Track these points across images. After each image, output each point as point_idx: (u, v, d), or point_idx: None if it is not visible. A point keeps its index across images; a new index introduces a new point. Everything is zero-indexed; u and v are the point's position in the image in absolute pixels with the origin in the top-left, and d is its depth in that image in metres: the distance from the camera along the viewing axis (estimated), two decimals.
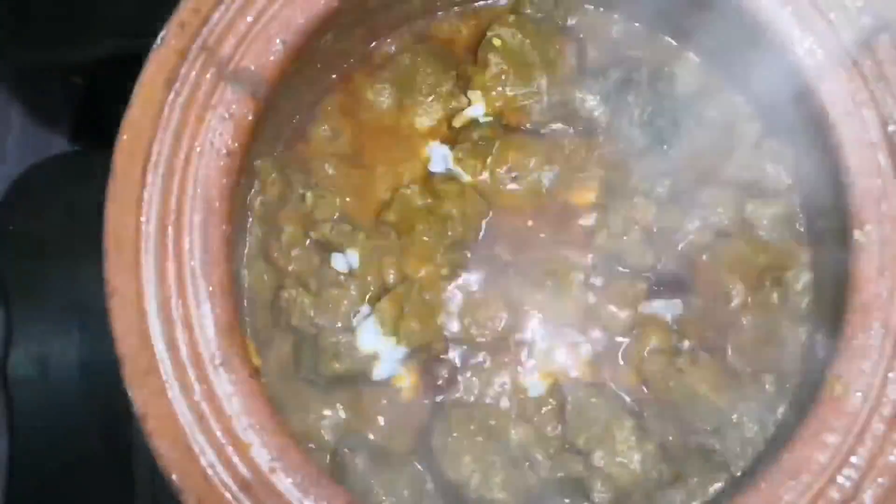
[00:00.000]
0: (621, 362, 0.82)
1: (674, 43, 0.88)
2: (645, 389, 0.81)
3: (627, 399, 0.81)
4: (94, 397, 1.05)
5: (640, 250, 0.83)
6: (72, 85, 1.20)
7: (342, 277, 0.82)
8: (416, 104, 0.86)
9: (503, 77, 0.86)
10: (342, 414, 0.81)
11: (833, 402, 0.71)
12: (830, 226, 0.77)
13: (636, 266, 0.83)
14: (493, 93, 0.86)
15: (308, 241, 0.83)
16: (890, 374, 0.71)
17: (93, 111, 1.20)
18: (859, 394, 0.71)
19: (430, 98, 0.87)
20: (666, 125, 0.85)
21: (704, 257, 0.83)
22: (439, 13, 0.88)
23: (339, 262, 0.82)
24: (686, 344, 0.82)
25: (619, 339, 0.82)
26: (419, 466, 0.79)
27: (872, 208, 0.73)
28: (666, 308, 0.83)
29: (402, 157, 0.85)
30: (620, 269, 0.83)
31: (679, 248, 0.84)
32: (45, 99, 1.21)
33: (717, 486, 0.78)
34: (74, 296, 1.07)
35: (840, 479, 0.70)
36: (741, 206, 0.83)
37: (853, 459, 0.70)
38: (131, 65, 0.72)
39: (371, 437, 0.80)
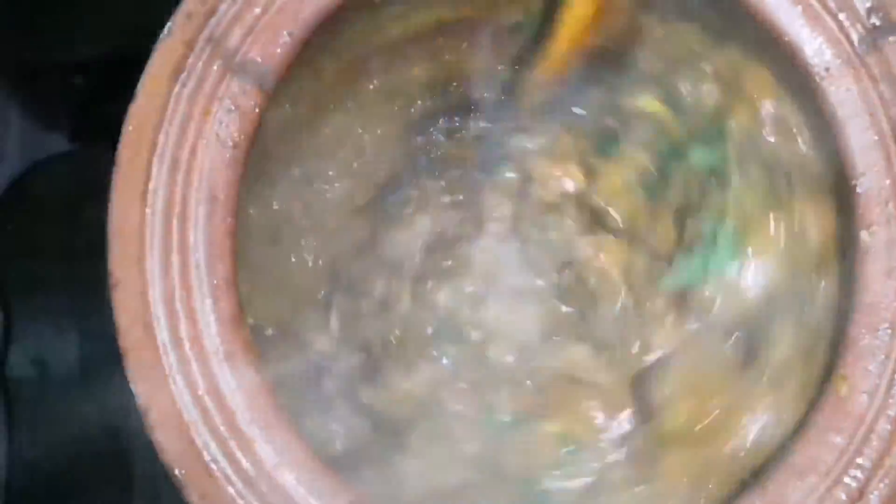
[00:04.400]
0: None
1: None
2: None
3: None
4: (93, 397, 1.05)
5: None
6: (72, 85, 1.20)
7: None
8: None
9: None
10: None
11: (839, 402, 0.71)
12: (837, 226, 0.77)
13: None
14: None
15: None
16: None
17: (93, 111, 1.20)
18: (865, 395, 0.71)
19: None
20: None
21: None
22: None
23: None
24: None
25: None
26: None
27: (879, 209, 0.73)
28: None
29: None
30: None
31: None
32: (45, 99, 1.21)
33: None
34: (74, 296, 1.07)
35: (847, 480, 0.70)
36: None
37: (859, 460, 0.70)
38: (131, 65, 0.71)
39: None
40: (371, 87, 0.84)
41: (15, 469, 1.04)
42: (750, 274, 0.80)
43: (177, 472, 0.67)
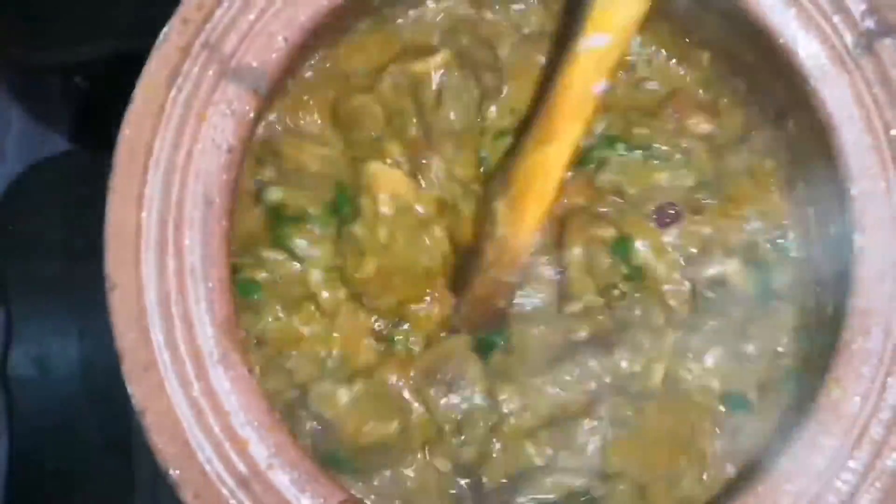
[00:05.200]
0: None
1: None
2: None
3: None
4: (94, 397, 1.05)
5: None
6: (72, 85, 1.20)
7: None
8: None
9: None
10: None
11: (831, 405, 0.71)
12: (831, 230, 0.77)
13: None
14: None
15: None
16: (889, 379, 0.71)
17: (93, 111, 1.20)
18: (857, 398, 0.71)
19: None
20: None
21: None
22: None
23: None
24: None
25: None
26: None
27: (874, 213, 0.73)
28: None
29: None
30: None
31: None
32: (45, 99, 1.21)
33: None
34: (74, 295, 1.07)
35: (838, 484, 0.70)
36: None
37: (851, 464, 0.70)
38: (131, 65, 0.72)
39: None
40: None
41: (16, 467, 1.05)
42: None
43: (171, 472, 0.67)
